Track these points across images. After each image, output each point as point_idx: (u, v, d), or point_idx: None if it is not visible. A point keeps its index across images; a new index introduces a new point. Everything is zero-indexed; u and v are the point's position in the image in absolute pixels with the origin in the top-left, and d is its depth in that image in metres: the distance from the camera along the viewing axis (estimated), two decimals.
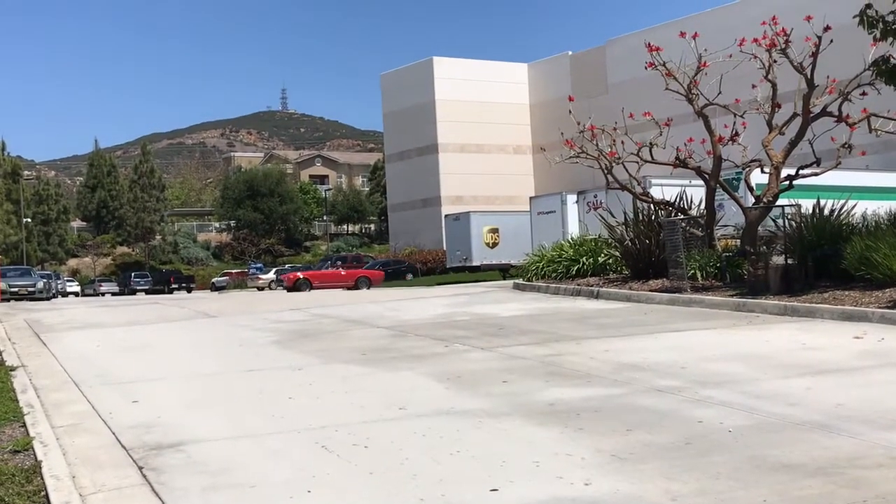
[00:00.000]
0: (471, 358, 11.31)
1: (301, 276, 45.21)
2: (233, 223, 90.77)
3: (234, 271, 75.58)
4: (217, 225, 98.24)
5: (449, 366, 10.67)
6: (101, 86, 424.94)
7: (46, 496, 5.88)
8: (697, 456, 6.29)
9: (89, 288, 72.61)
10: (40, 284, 44.45)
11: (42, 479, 6.25)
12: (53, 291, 51.66)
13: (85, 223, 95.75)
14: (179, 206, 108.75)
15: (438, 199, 62.57)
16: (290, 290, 42.70)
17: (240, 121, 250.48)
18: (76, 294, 68.52)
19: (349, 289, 40.74)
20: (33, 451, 7.04)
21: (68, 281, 73.35)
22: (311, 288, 42.43)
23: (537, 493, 5.64)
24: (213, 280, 72.92)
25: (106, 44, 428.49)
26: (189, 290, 67.81)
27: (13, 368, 11.48)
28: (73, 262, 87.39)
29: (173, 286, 68.93)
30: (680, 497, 5.44)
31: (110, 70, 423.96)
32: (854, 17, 14.91)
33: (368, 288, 41.31)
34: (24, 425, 8.03)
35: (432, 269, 54.62)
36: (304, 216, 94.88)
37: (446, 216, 52.25)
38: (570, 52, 64.38)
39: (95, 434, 7.85)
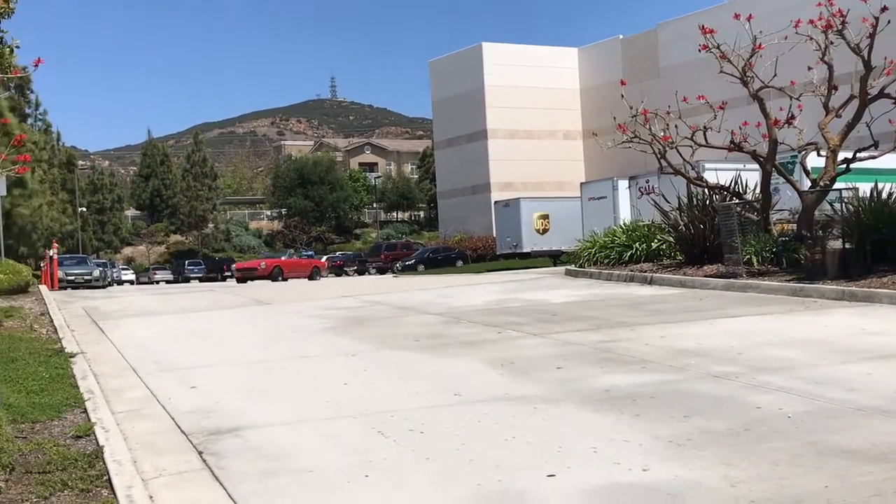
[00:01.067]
0: (524, 344, 11.29)
1: (277, 265, 51.99)
2: (284, 211, 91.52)
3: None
4: (268, 213, 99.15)
5: (502, 352, 10.66)
6: (152, 76, 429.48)
7: (109, 481, 5.96)
8: (756, 442, 6.23)
9: (144, 276, 73.57)
10: (96, 273, 45.22)
11: (104, 463, 6.33)
12: (109, 279, 52.48)
13: (139, 212, 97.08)
14: (231, 194, 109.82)
15: (488, 185, 62.33)
16: (265, 278, 48.57)
17: (289, 109, 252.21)
18: (131, 282, 69.42)
19: (304, 278, 49.51)
20: (95, 436, 7.14)
21: (123, 269, 74.36)
22: (283, 276, 49.43)
23: (595, 478, 5.61)
24: None
25: (158, 35, 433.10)
26: None
27: (73, 355, 11.66)
28: (127, 251, 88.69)
29: (226, 274, 69.60)
30: (739, 483, 5.39)
31: (162, 60, 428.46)
32: None
33: (318, 277, 50.74)
34: (85, 411, 8.15)
35: (482, 255, 54.51)
36: (354, 204, 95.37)
37: (496, 203, 52.10)
38: (622, 36, 63.74)
39: (155, 419, 7.96)
